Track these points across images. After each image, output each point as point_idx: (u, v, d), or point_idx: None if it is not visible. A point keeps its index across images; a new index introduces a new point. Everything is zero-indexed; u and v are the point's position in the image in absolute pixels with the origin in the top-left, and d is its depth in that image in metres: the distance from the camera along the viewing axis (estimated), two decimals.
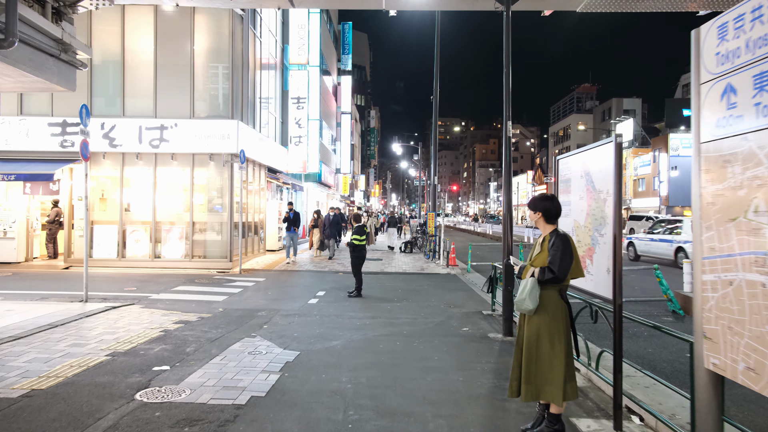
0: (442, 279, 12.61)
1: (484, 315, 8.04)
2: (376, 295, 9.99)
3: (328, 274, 13.00)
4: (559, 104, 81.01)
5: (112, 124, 13.41)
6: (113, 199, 14.23)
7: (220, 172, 13.88)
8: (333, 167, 33.46)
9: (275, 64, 19.37)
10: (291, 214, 15.12)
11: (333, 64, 35.15)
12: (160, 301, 8.76)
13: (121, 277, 11.78)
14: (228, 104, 13.90)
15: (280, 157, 18.84)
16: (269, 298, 9.36)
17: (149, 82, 13.75)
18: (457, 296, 9.95)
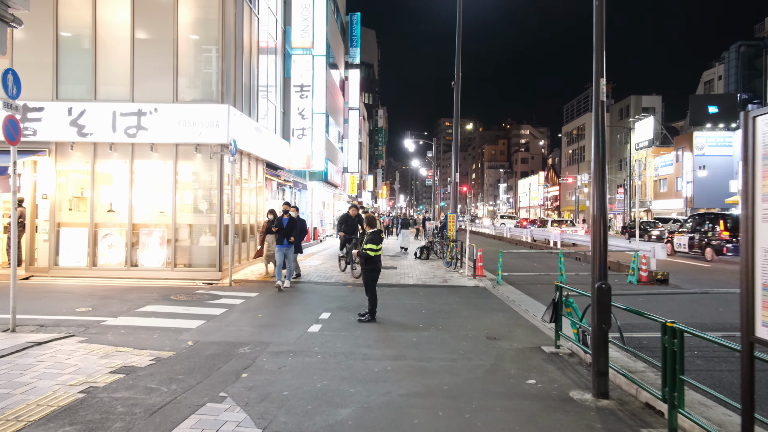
0: (472, 294, 10.47)
1: (548, 354, 5.90)
2: (395, 318, 7.87)
3: (334, 288, 10.90)
4: (572, 103, 78.51)
5: (81, 108, 11.39)
6: (83, 197, 12.22)
7: (208, 165, 11.83)
8: (340, 166, 31.43)
9: (276, 48, 17.34)
10: (285, 220, 10.76)
11: (340, 57, 33.15)
12: (113, 329, 6.69)
13: (85, 290, 9.74)
14: (218, 87, 11.85)
15: (281, 151, 16.79)
16: (259, 324, 7.27)
17: (125, 61, 11.72)
18: (499, 321, 7.81)
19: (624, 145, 56.86)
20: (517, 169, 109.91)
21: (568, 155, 75.15)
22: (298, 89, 17.77)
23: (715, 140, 42.85)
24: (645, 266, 11.99)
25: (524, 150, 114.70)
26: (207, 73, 12.25)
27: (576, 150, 70.97)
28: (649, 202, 50.29)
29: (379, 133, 72.55)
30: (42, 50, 11.72)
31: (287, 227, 10.64)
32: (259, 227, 14.98)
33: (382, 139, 77.11)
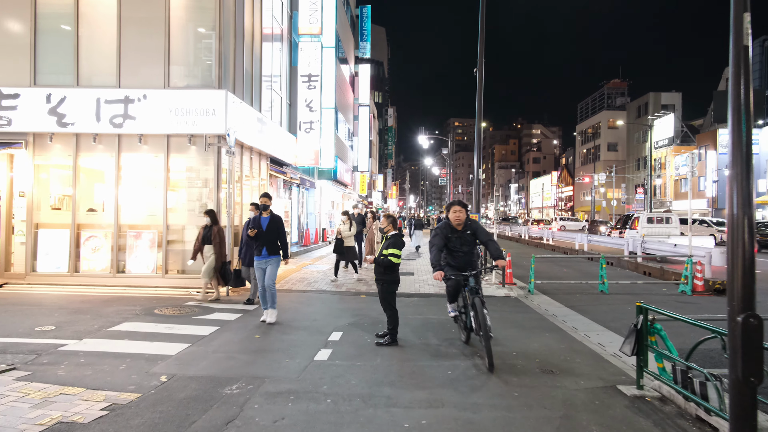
0: (505, 306, 9.05)
1: (631, 399, 4.47)
2: (421, 340, 6.48)
3: (346, 298, 9.53)
4: (587, 101, 76.72)
5: (61, 95, 10.13)
6: (65, 194, 10.96)
7: (204, 159, 10.51)
8: (350, 164, 30.11)
9: (281, 35, 16.02)
10: (265, 220, 7.33)
11: (350, 51, 31.84)
12: (70, 357, 5.36)
13: (59, 302, 8.45)
14: (214, 71, 10.53)
15: (287, 145, 15.47)
16: (254, 348, 5.90)
17: (111, 42, 10.43)
18: (548, 344, 6.38)
19: (642, 144, 55.03)
20: (528, 169, 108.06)
21: (582, 154, 73.29)
22: (305, 79, 16.44)
23: None
24: (701, 273, 10.49)
25: (536, 150, 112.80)
26: (203, 56, 10.93)
27: (591, 149, 69.15)
28: (669, 203, 48.40)
29: (389, 132, 71.19)
30: (18, 30, 10.47)
31: (270, 229, 7.22)
32: None
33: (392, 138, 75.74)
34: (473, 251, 6.05)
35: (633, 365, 5.43)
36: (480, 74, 13.86)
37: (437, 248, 5.80)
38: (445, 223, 5.92)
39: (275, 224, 7.31)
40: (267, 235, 7.22)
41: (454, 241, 5.90)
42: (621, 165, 59.31)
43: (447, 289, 6.25)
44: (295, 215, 19.41)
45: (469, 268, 5.88)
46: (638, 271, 14.64)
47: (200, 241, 8.96)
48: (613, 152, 63.85)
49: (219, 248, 8.99)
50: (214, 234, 9.00)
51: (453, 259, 5.96)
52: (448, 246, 5.93)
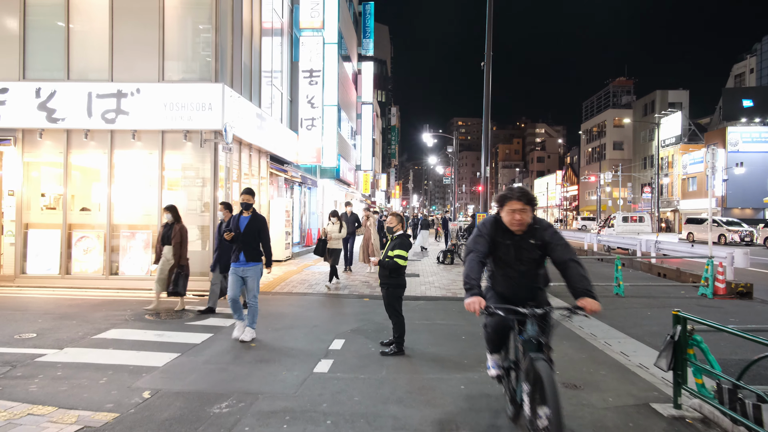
0: None
1: (669, 420, 3.98)
2: (428, 348, 6.00)
3: (348, 301, 9.06)
4: (592, 99, 76.01)
5: (51, 89, 9.70)
6: (56, 193, 10.54)
7: (200, 156, 10.06)
8: (353, 163, 29.66)
9: (282, 29, 15.57)
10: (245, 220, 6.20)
11: (353, 48, 31.38)
12: (47, 369, 4.91)
13: (45, 306, 8.01)
14: (211, 63, 10.08)
15: (288, 143, 15.01)
16: (249, 358, 5.44)
17: (103, 34, 10.00)
18: (568, 354, 5.89)
19: (649, 143, 54.38)
20: (532, 169, 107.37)
21: (587, 153, 72.61)
22: (307, 74, 15.98)
23: (750, 136, 40.35)
24: (722, 276, 9.97)
25: (540, 149, 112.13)
26: (199, 49, 10.48)
27: (596, 148, 68.46)
28: (677, 202, 47.77)
29: (392, 131, 70.79)
30: (7, 22, 10.05)
31: (249, 231, 6.08)
32: None
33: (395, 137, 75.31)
34: (538, 272, 3.50)
35: (663, 378, 4.95)
36: (487, 68, 13.38)
37: (477, 258, 3.34)
38: (493, 219, 3.48)
39: (256, 225, 6.14)
40: (245, 238, 6.05)
41: (505, 252, 3.43)
42: (627, 164, 58.67)
43: (485, 331, 3.85)
44: (297, 215, 18.96)
45: (528, 301, 3.33)
46: (652, 273, 14.12)
47: (159, 241, 7.86)
48: (618, 151, 63.16)
49: (179, 249, 7.76)
50: (174, 233, 7.76)
51: (502, 282, 3.54)
52: (495, 258, 3.49)
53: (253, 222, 6.14)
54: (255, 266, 6.12)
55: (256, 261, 6.12)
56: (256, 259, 6.12)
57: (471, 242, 3.49)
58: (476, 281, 3.20)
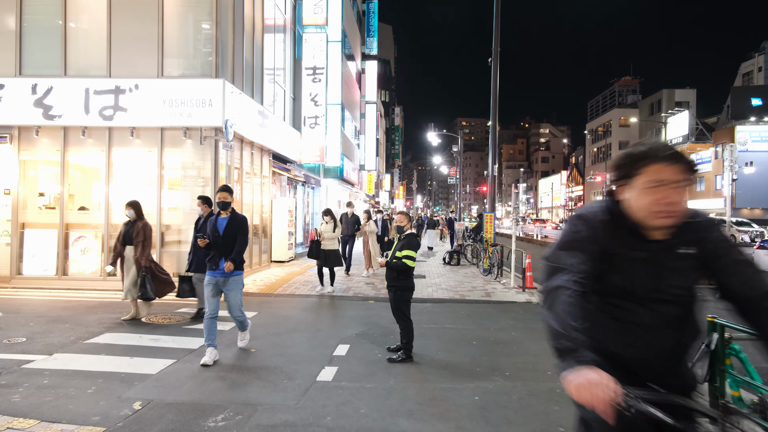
0: (528, 314, 8.23)
1: None
2: (438, 354, 5.69)
3: (352, 303, 8.75)
4: (597, 99, 75.52)
5: (47, 85, 9.44)
6: (55, 193, 10.27)
7: (200, 154, 9.78)
8: (356, 163, 29.35)
9: (285, 25, 15.28)
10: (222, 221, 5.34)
11: (357, 47, 31.06)
12: (34, 377, 4.62)
13: (39, 308, 7.72)
14: (211, 59, 9.79)
15: (291, 141, 14.72)
16: (249, 366, 5.13)
17: (101, 29, 9.73)
18: None
19: None
20: (537, 169, 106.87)
21: (593, 153, 72.09)
22: (310, 72, 15.68)
23: (760, 135, 39.79)
24: None
25: (544, 149, 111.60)
26: (199, 44, 10.21)
27: (602, 148, 67.94)
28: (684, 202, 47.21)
29: (395, 131, 70.47)
30: (3, 16, 9.79)
31: (229, 235, 5.22)
32: (264, 228, 12.91)
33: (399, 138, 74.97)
34: (690, 315, 1.70)
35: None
36: (495, 64, 13.07)
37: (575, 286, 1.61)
38: (607, 207, 1.73)
39: (236, 228, 5.27)
40: (225, 243, 5.19)
41: (631, 273, 1.68)
42: None
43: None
44: (300, 215, 18.67)
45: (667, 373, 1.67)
46: None
47: (120, 241, 6.95)
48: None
49: (142, 250, 6.86)
50: (137, 231, 6.85)
51: (613, 332, 1.70)
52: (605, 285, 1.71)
53: (233, 224, 5.28)
54: (237, 276, 5.29)
55: (238, 269, 5.28)
56: (237, 267, 5.26)
57: (558, 252, 1.73)
58: (580, 335, 1.53)
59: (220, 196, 5.28)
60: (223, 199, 5.28)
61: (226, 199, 5.29)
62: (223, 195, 5.28)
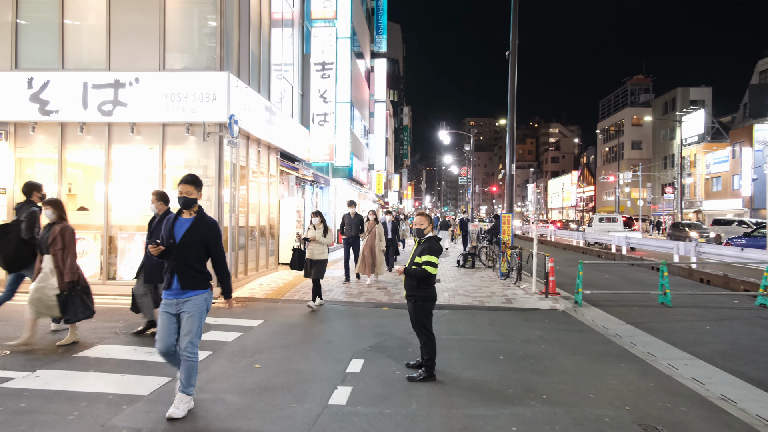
0: (554, 322, 7.62)
1: None
2: (463, 372, 5.10)
3: (365, 311, 8.18)
4: (609, 98, 74.37)
5: (44, 79, 8.96)
6: (49, 191, 9.78)
7: (204, 152, 9.25)
8: (365, 163, 28.81)
9: (293, 20, 14.76)
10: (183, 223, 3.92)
11: (366, 45, 30.53)
12: (10, 398, 4.09)
13: None
14: (215, 51, 9.27)
15: (299, 139, 14.19)
16: (251, 385, 4.58)
17: (100, 20, 9.24)
18: (628, 378, 4.96)
19: (669, 141, 52.84)
20: (547, 169, 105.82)
21: (604, 153, 71.05)
22: (319, 67, 15.15)
23: None
24: None
25: (554, 149, 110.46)
26: (202, 35, 9.69)
27: (613, 147, 66.90)
28: (700, 203, 46.22)
29: (404, 131, 69.91)
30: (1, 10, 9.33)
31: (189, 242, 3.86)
32: (272, 229, 12.38)
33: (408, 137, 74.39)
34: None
35: (758, 416, 4.00)
36: (513, 57, 12.45)
37: None
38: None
39: (203, 233, 3.87)
40: (182, 252, 3.79)
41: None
42: (646, 164, 57.10)
43: None
44: (309, 216, 18.15)
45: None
46: (693, 279, 13.04)
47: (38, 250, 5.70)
48: (637, 150, 61.60)
49: (62, 259, 5.49)
50: (53, 236, 5.46)
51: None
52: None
53: (198, 228, 3.85)
54: (196, 297, 3.84)
55: (198, 288, 3.86)
56: (198, 285, 3.86)
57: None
58: None
59: (182, 189, 3.85)
60: (186, 195, 3.85)
61: (190, 194, 3.86)
62: (186, 189, 3.85)
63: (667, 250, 16.92)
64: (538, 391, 4.57)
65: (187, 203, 3.89)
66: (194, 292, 3.87)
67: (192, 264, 3.84)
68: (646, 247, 19.45)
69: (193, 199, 3.90)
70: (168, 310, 3.86)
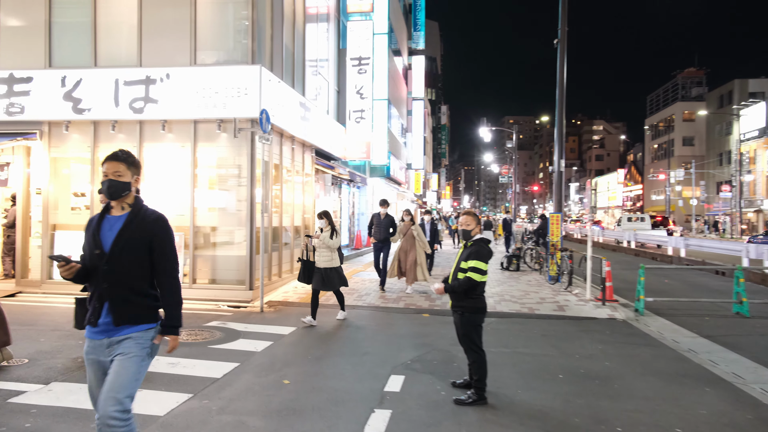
0: (615, 334, 6.81)
1: None
2: (519, 394, 4.44)
3: (404, 317, 7.59)
4: (658, 92, 71.05)
5: (76, 77, 8.81)
6: (84, 191, 9.67)
7: (236, 149, 8.90)
8: (403, 162, 28.22)
9: (328, 14, 14.34)
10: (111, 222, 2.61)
11: (403, 42, 29.96)
12: (17, 415, 3.73)
13: (58, 319, 7.00)
14: (247, 44, 8.90)
15: (335, 136, 13.75)
16: (277, 406, 4.06)
17: (132, 14, 9.03)
18: (719, 408, 4.17)
19: (725, 137, 49.83)
20: (590, 167, 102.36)
21: (652, 150, 67.91)
22: (355, 62, 14.67)
23: None
24: None
25: (598, 146, 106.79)
26: (234, 29, 9.35)
27: (663, 144, 63.83)
28: (761, 201, 43.28)
29: (442, 130, 69.00)
30: (32, 7, 9.26)
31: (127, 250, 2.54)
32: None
33: (446, 137, 73.38)
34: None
35: None
36: (562, 46, 11.60)
37: None
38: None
39: (143, 234, 2.60)
40: (116, 266, 2.53)
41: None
42: (699, 160, 54.05)
43: None
44: (346, 216, 17.73)
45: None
46: (766, 284, 11.81)
47: None
48: (689, 147, 58.50)
49: None
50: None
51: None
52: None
53: (136, 227, 2.58)
54: (138, 335, 2.56)
55: (141, 321, 2.58)
56: (141, 317, 2.58)
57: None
58: None
59: (108, 169, 2.56)
60: (114, 176, 2.55)
61: (120, 176, 2.56)
62: (113, 168, 2.56)
63: (731, 252, 15.56)
64: (610, 421, 3.86)
65: (115, 190, 2.54)
66: (135, 328, 2.53)
67: (130, 283, 2.54)
68: (708, 249, 18.03)
69: (124, 183, 2.56)
70: (96, 356, 2.51)
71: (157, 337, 2.62)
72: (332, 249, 6.98)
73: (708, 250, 17.86)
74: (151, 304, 2.63)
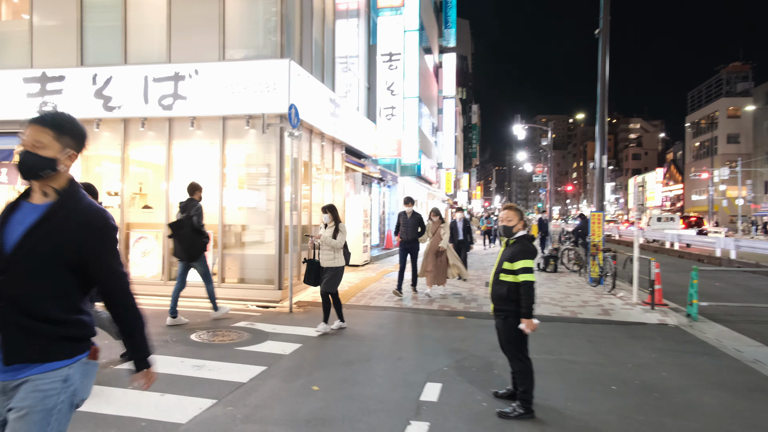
0: (669, 341, 6.27)
1: None
2: (570, 409, 4.03)
3: (438, 320, 7.22)
4: (699, 88, 68.20)
5: (107, 75, 8.78)
6: (114, 190, 9.67)
7: (265, 146, 8.71)
8: (434, 161, 27.77)
9: (358, 9, 14.09)
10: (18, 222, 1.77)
11: (434, 40, 29.52)
12: None
13: None
14: (275, 38, 8.70)
15: (365, 134, 13.47)
16: (305, 415, 3.77)
17: (161, 10, 8.96)
18: None
19: None
20: (627, 167, 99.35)
21: (693, 148, 65.24)
22: (386, 58, 14.37)
23: None
24: None
25: (635, 145, 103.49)
26: (262, 23, 9.17)
27: (705, 142, 61.22)
28: None
29: (473, 130, 68.06)
30: (64, 6, 9.30)
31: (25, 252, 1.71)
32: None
33: (476, 136, 72.35)
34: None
35: None
36: (605, 36, 11.00)
37: None
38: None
39: (66, 235, 1.76)
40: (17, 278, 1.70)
41: None
42: (745, 159, 51.58)
43: None
44: (376, 215, 17.44)
45: None
46: None
47: None
48: (734, 144, 55.91)
49: None
50: None
51: None
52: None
53: (56, 224, 1.77)
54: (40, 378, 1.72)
55: (48, 359, 1.73)
56: (45, 354, 1.73)
57: None
58: None
59: (27, 138, 1.81)
60: (34, 149, 1.81)
61: (43, 148, 1.82)
62: (33, 135, 1.82)
63: None
64: None
65: (29, 167, 1.80)
66: (37, 368, 1.72)
67: (33, 304, 1.72)
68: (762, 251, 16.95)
69: (43, 159, 1.80)
70: None
71: (131, 376, 1.95)
72: (334, 248, 6.37)
73: (762, 252, 16.78)
74: (67, 334, 1.76)
